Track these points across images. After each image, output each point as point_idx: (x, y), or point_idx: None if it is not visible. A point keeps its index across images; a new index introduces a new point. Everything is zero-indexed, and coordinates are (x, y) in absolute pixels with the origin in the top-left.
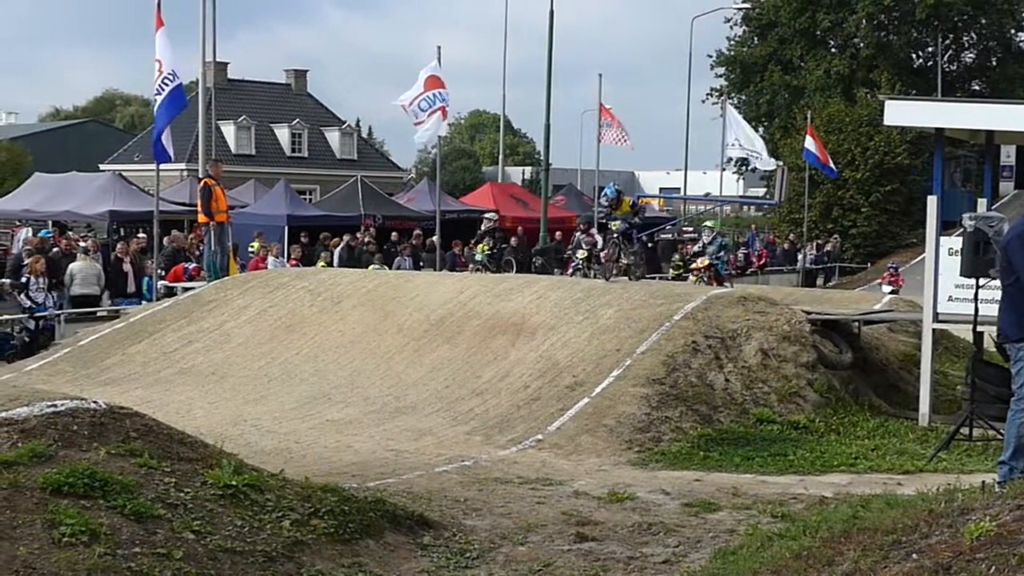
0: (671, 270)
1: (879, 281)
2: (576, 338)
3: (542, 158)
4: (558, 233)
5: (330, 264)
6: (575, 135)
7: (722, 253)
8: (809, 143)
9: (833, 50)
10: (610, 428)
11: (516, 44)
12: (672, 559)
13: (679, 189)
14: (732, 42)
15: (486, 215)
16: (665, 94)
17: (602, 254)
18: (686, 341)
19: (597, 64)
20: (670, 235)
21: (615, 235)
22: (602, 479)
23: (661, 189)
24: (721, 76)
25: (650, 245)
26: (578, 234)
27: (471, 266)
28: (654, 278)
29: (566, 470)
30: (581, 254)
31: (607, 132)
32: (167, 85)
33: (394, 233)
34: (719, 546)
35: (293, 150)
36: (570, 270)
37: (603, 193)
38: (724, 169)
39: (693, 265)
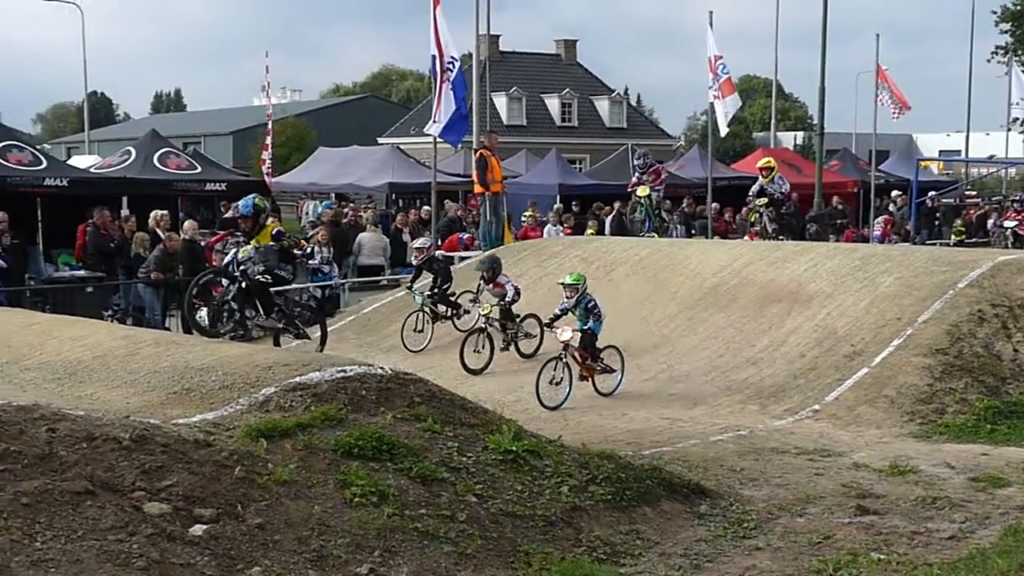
0: (952, 236)
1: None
2: (854, 306)
3: (816, 122)
4: (835, 199)
5: (599, 232)
6: (849, 97)
7: (593, 320)
8: None
9: None
10: (890, 399)
11: (788, 5)
12: (959, 535)
13: (960, 152)
14: None
15: (416, 244)
16: (945, 52)
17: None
18: (971, 310)
19: (873, 23)
20: (952, 199)
21: (761, 209)
22: (882, 451)
23: (941, 152)
24: (1007, 32)
25: (935, 209)
26: (480, 283)
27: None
28: (934, 244)
29: (845, 441)
30: (483, 310)
31: (884, 95)
32: (451, 68)
33: (666, 201)
34: (1010, 523)
35: (563, 119)
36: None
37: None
38: (1010, 130)
39: (557, 334)
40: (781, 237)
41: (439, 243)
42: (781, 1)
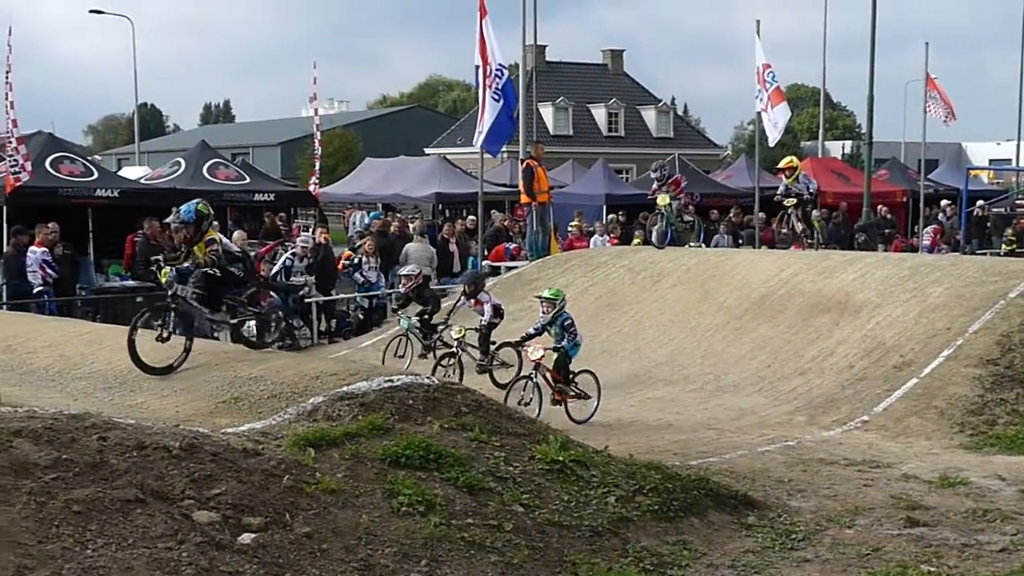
0: (1003, 245)
1: None
2: (903, 317)
3: (864, 131)
4: (880, 207)
5: (646, 242)
6: (898, 106)
7: (568, 340)
8: None
9: None
10: (940, 410)
11: (836, 13)
12: (1010, 548)
13: (1011, 160)
14: None
15: (403, 272)
16: (995, 60)
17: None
18: (1022, 320)
19: (922, 31)
20: (1003, 208)
21: (789, 209)
22: (932, 462)
23: (991, 161)
24: None
25: (985, 219)
26: (461, 298)
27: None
28: (984, 253)
29: (894, 452)
30: (456, 333)
31: (933, 104)
32: (500, 76)
33: (713, 211)
34: None
35: (610, 129)
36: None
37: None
38: None
39: (528, 352)
40: (809, 238)
41: (486, 253)
42: (829, 10)
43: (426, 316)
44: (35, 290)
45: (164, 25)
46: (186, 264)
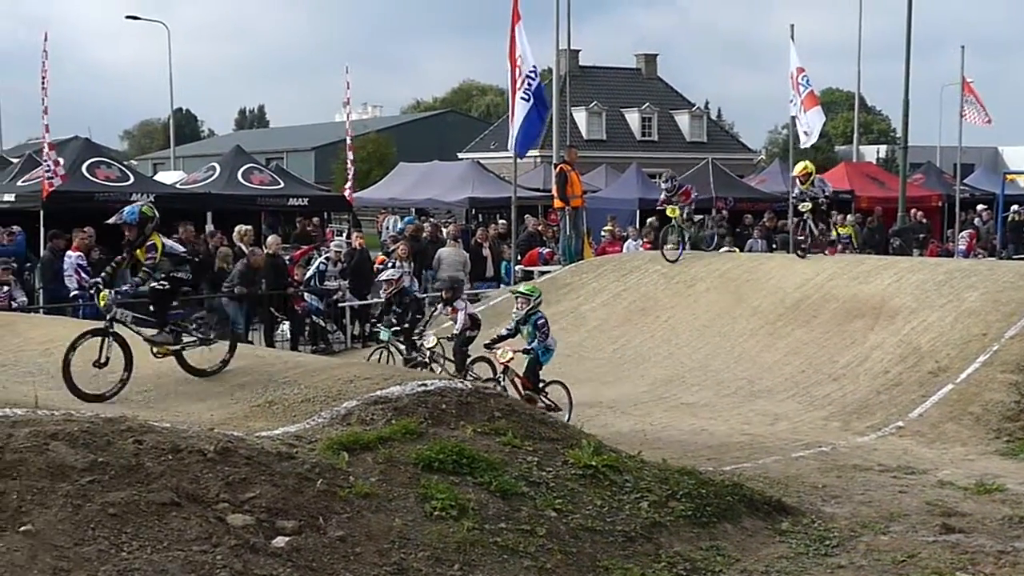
0: None
1: None
2: (939, 322)
3: (899, 136)
4: (919, 212)
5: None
6: (933, 110)
7: (539, 342)
8: None
9: None
10: (976, 416)
11: (871, 16)
12: None
13: None
14: None
15: (383, 277)
16: None
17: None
18: None
19: (959, 34)
20: None
21: (805, 215)
22: (968, 469)
23: None
24: None
25: (1022, 223)
26: (439, 305)
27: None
28: (1021, 258)
29: (929, 458)
30: (429, 343)
31: (969, 109)
32: (532, 81)
33: (747, 215)
34: None
35: (643, 134)
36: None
37: None
38: None
39: (498, 355)
40: (825, 235)
41: (519, 258)
42: (864, 13)
43: (406, 326)
44: (71, 294)
45: (199, 30)
46: (124, 287)
